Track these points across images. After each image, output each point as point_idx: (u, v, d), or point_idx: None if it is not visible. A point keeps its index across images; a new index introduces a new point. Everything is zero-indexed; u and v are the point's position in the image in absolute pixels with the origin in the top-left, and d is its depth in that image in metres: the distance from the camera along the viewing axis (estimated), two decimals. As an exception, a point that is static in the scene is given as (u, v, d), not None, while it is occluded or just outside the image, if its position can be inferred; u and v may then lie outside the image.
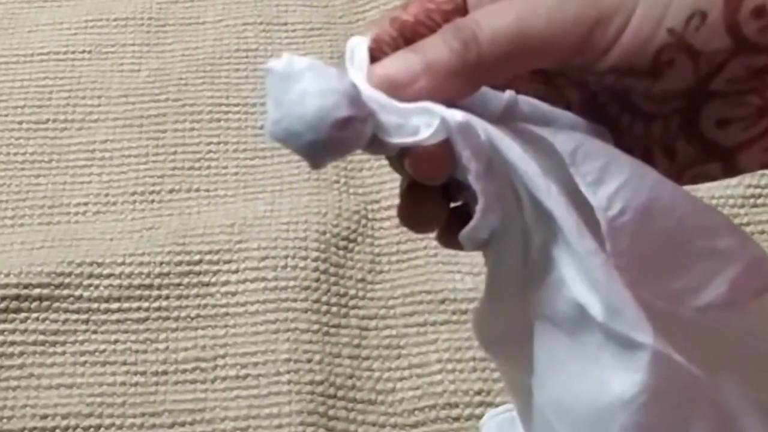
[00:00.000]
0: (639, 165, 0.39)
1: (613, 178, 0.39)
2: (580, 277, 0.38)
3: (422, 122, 0.37)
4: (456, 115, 0.37)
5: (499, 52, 0.37)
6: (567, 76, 0.42)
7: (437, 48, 0.38)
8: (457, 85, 0.38)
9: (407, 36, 0.41)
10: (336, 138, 0.36)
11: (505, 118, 0.40)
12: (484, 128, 0.38)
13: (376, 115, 0.37)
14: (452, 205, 0.41)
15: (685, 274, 0.40)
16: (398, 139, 0.37)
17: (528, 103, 0.41)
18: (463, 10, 0.41)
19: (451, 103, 0.38)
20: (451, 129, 0.37)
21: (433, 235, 0.61)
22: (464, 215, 0.40)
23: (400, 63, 0.38)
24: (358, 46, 0.39)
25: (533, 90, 0.42)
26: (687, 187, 0.43)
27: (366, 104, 0.37)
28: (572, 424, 0.39)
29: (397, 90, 0.38)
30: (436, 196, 0.41)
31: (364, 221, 0.67)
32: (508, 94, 0.40)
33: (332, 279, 0.64)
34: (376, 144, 0.38)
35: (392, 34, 0.40)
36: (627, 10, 0.37)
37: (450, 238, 0.41)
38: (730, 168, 0.41)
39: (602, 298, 0.37)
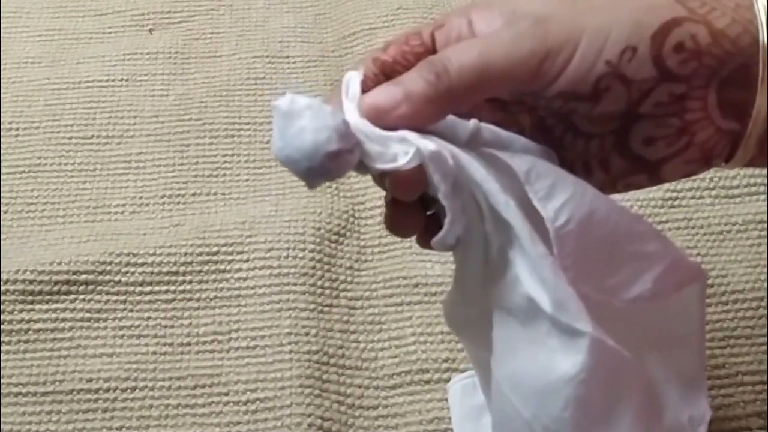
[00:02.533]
0: (581, 183, 0.40)
1: (559, 194, 0.39)
2: (532, 276, 0.38)
3: (400, 150, 0.38)
4: (429, 145, 0.38)
5: (466, 81, 0.38)
6: (521, 103, 0.42)
7: (414, 80, 0.38)
8: (431, 110, 0.39)
9: (387, 73, 0.41)
10: (327, 166, 0.36)
11: (471, 143, 0.40)
12: (453, 153, 0.38)
13: (363, 145, 0.38)
14: (428, 213, 0.41)
15: (618, 272, 0.40)
16: (380, 165, 0.38)
17: (489, 129, 0.41)
18: (432, 51, 0.41)
19: (425, 130, 0.38)
20: (424, 156, 0.37)
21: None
22: (438, 221, 0.40)
23: (384, 93, 0.38)
24: (353, 80, 0.40)
25: (492, 117, 0.42)
26: (619, 195, 0.43)
27: (354, 136, 0.37)
28: (524, 396, 0.39)
29: (381, 115, 0.38)
30: (414, 209, 0.41)
31: (352, 219, 0.67)
32: (473, 122, 0.40)
33: (326, 267, 0.63)
34: (362, 167, 0.38)
35: (375, 71, 0.41)
36: (571, 45, 0.38)
37: (426, 241, 0.41)
38: (655, 178, 0.42)
39: (550, 294, 0.38)
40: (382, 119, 0.38)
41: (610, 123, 0.40)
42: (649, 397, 0.42)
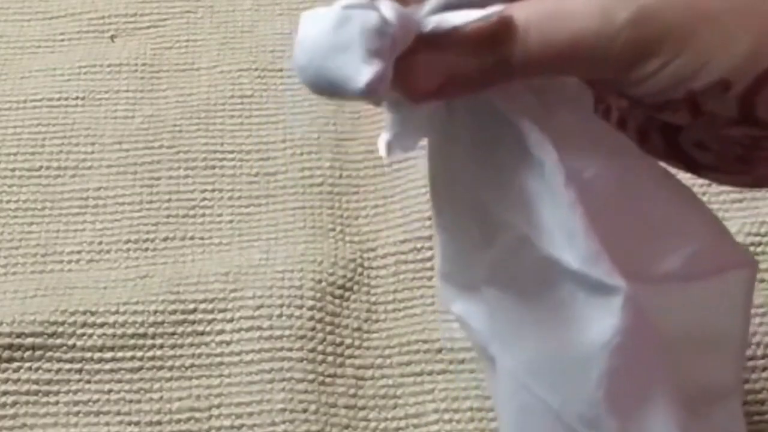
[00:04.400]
0: (616, 135, 0.41)
1: (592, 144, 0.40)
2: (553, 231, 0.39)
3: None
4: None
5: (543, 69, 0.39)
6: None
7: (467, 63, 0.38)
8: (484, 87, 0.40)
9: None
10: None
11: None
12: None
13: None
14: None
15: (648, 244, 0.42)
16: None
17: None
18: None
19: None
20: None
21: (430, 283, 0.63)
22: None
23: (426, 75, 0.39)
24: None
25: None
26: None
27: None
28: (550, 382, 0.40)
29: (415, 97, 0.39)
30: None
31: (360, 270, 0.68)
32: None
33: (328, 328, 0.64)
34: None
35: None
36: (664, 60, 0.38)
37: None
38: (693, 173, 0.43)
39: (578, 247, 0.39)
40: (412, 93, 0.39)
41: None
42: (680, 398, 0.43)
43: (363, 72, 0.36)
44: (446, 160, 0.43)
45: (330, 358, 0.63)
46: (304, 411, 0.60)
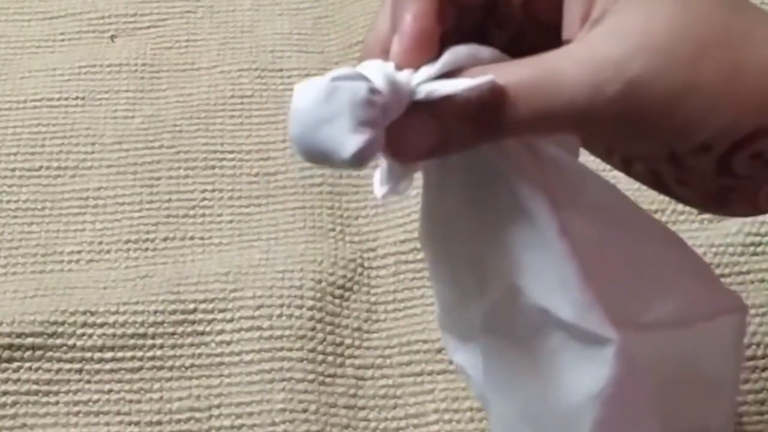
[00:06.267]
0: (605, 183, 0.42)
1: (582, 192, 0.41)
2: (545, 281, 0.39)
3: None
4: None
5: (523, 131, 0.40)
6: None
7: (458, 126, 0.40)
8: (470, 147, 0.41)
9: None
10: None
11: None
12: None
13: None
14: None
15: (639, 291, 0.42)
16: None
17: None
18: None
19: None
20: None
21: (430, 283, 0.63)
22: None
23: (417, 132, 0.40)
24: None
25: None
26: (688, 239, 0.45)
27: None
28: (541, 429, 0.40)
29: (404, 154, 0.41)
30: None
31: (360, 270, 0.68)
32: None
33: (328, 328, 0.65)
34: None
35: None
36: (649, 130, 0.39)
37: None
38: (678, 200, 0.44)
39: (572, 299, 0.39)
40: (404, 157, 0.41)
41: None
42: None
43: (349, 143, 0.37)
44: (440, 209, 0.44)
45: (330, 358, 0.63)
46: (304, 411, 0.61)
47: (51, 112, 0.79)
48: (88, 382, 0.63)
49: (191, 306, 0.66)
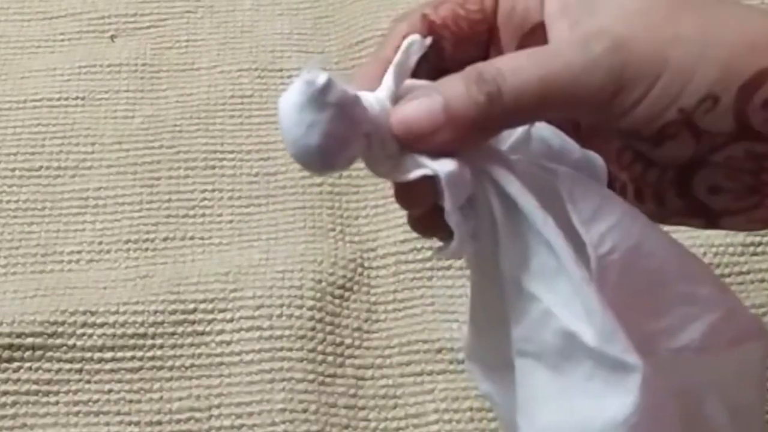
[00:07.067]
0: (629, 209, 0.42)
1: (605, 218, 0.41)
2: (572, 306, 0.40)
3: (412, 164, 0.40)
4: (447, 165, 0.40)
5: (524, 108, 0.40)
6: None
7: (460, 97, 0.40)
8: (477, 137, 0.41)
9: (433, 33, 0.43)
10: (323, 143, 0.38)
11: (514, 150, 0.43)
12: (480, 166, 0.40)
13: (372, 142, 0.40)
14: None
15: (664, 316, 0.42)
16: (389, 173, 0.40)
17: (540, 139, 0.44)
18: (491, 19, 0.43)
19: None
20: (440, 178, 0.39)
21: (430, 283, 0.64)
22: None
23: (422, 110, 0.40)
24: (388, 74, 0.42)
25: None
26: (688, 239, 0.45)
27: (363, 125, 0.39)
28: None
29: (417, 140, 0.40)
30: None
31: (360, 270, 0.68)
32: (522, 129, 0.43)
33: (328, 328, 0.65)
34: (371, 163, 0.41)
35: (421, 32, 0.42)
36: (647, 82, 0.40)
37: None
38: (712, 225, 0.44)
39: (596, 324, 0.40)
40: (418, 144, 0.40)
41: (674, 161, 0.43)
42: None
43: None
44: (489, 249, 0.44)
45: (330, 358, 0.63)
46: (304, 411, 0.61)
47: (51, 112, 0.79)
48: (88, 382, 0.63)
49: (191, 306, 0.66)
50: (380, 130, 0.40)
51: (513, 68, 0.40)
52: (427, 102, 0.40)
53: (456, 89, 0.40)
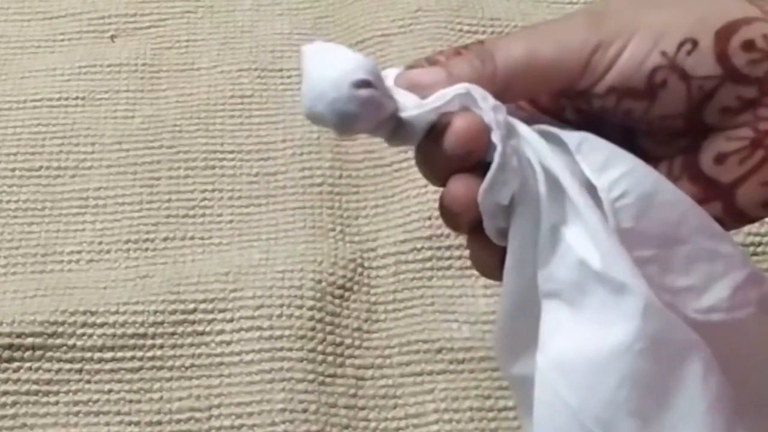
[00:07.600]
0: (642, 163, 0.43)
1: (616, 167, 0.43)
2: (584, 238, 0.41)
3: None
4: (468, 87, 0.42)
5: (512, 68, 0.44)
6: (579, 111, 0.46)
7: (458, 64, 0.44)
8: None
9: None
10: (355, 97, 0.40)
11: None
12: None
13: (397, 101, 0.42)
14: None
15: (687, 275, 0.43)
16: (418, 110, 0.42)
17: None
18: None
19: None
20: (472, 96, 0.42)
21: (430, 283, 0.64)
22: None
23: (426, 72, 0.44)
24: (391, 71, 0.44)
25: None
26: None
27: (385, 82, 0.42)
28: (572, 380, 0.41)
29: (421, 91, 0.43)
30: (489, 241, 0.44)
31: (360, 269, 0.68)
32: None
33: (328, 328, 0.65)
34: (401, 131, 0.42)
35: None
36: (626, 36, 0.43)
37: None
38: (731, 208, 0.45)
39: (600, 249, 0.40)
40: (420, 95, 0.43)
41: (677, 141, 0.44)
42: (715, 375, 0.43)
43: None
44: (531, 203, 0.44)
45: (330, 358, 0.63)
46: (304, 411, 0.61)
47: (51, 112, 0.79)
48: (88, 382, 0.63)
49: (191, 306, 0.66)
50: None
51: (504, 41, 0.44)
52: (431, 67, 0.44)
53: (456, 59, 0.44)
